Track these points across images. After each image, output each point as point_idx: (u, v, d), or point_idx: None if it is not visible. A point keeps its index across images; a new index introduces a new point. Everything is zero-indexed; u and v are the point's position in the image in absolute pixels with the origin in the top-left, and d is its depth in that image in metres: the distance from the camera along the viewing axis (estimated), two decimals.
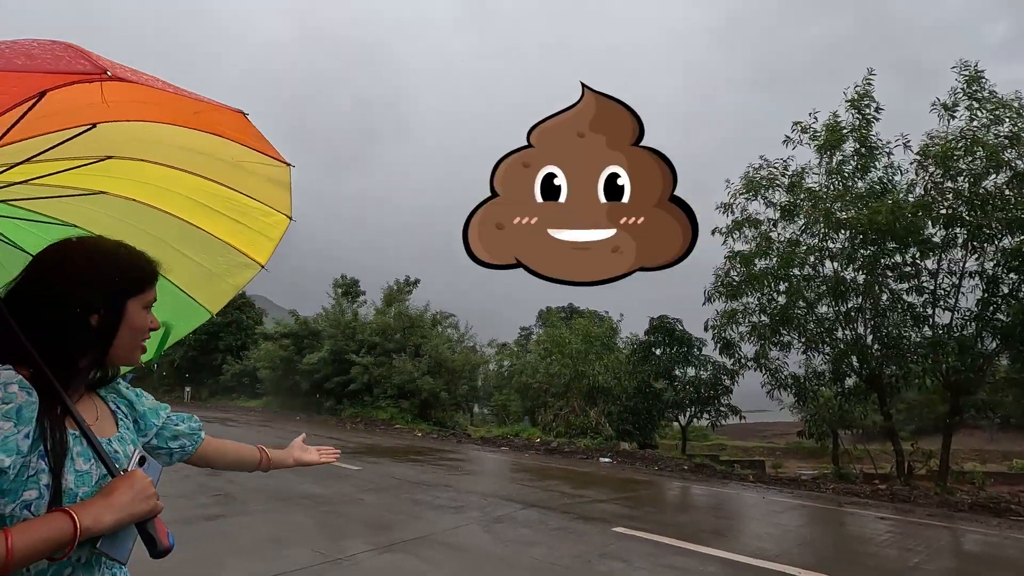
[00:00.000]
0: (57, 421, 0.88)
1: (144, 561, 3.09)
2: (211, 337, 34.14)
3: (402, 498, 6.56)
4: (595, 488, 8.29)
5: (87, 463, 0.90)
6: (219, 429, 15.14)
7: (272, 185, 1.32)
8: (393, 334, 22.89)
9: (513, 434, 16.62)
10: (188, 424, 1.24)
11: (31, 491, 0.82)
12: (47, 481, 0.83)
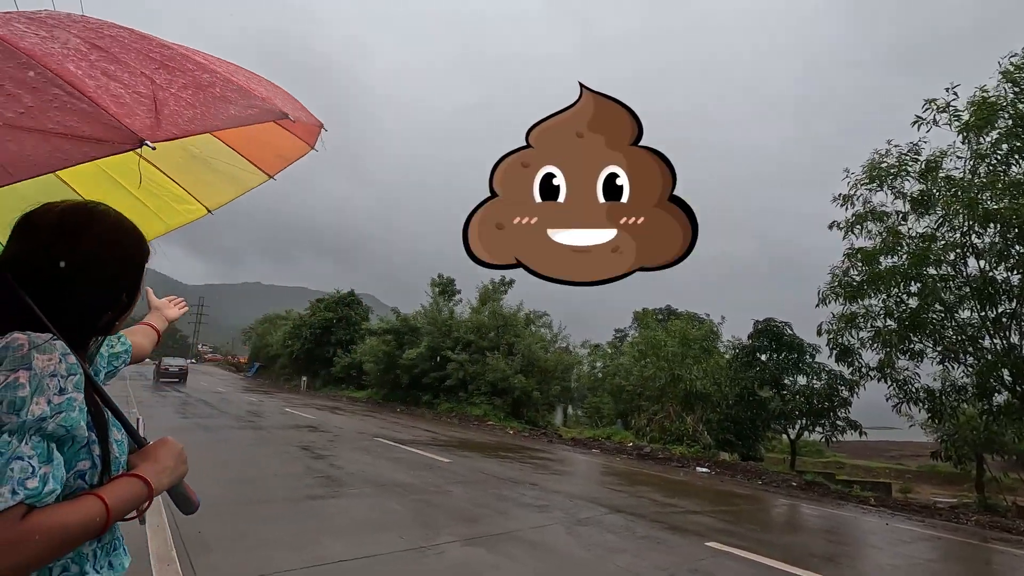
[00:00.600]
0: (90, 393, 0.89)
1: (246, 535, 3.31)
2: (324, 331, 37.01)
3: (488, 493, 6.63)
4: (689, 498, 7.85)
5: (119, 432, 0.94)
6: (328, 416, 16.33)
7: (224, 181, 1.28)
8: (487, 332, 23.38)
9: (605, 437, 16.28)
10: (120, 340, 1.30)
11: (85, 461, 0.84)
12: (98, 452, 0.86)
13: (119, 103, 0.68)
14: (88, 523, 0.77)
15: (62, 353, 0.81)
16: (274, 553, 3.98)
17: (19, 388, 0.75)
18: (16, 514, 0.71)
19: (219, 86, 0.84)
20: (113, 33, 0.83)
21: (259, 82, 1.00)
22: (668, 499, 7.54)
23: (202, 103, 0.78)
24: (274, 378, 43.92)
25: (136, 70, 0.76)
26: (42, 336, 0.81)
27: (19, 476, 0.72)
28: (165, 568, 3.50)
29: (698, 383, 15.75)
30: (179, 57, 0.84)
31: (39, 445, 0.75)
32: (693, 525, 6.02)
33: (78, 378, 0.82)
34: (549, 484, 7.69)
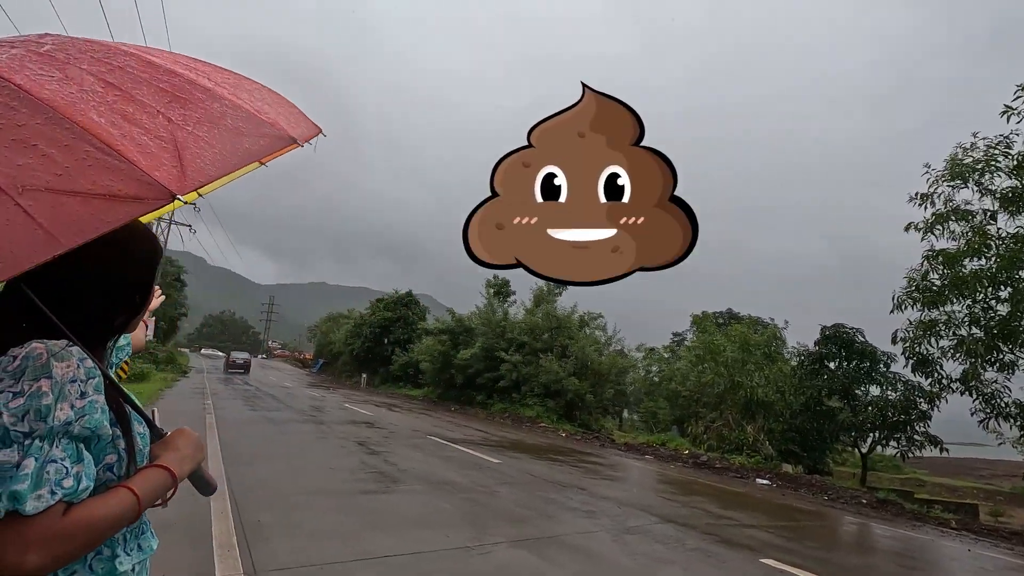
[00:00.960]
0: (110, 391, 0.94)
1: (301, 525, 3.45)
2: (383, 330, 38.19)
3: (536, 495, 6.63)
4: (746, 511, 7.54)
5: (140, 425, 0.99)
6: (384, 413, 16.84)
7: None
8: (541, 334, 23.37)
9: (659, 443, 15.89)
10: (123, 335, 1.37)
11: (111, 455, 0.90)
12: (124, 445, 0.91)
13: (146, 153, 0.69)
14: (122, 513, 0.84)
15: (79, 359, 0.86)
16: (326, 544, 4.16)
17: (43, 396, 0.79)
18: (57, 512, 0.77)
19: (230, 116, 0.83)
20: (121, 63, 0.84)
21: (260, 97, 1.00)
22: (723, 511, 7.27)
23: (219, 140, 0.78)
24: (336, 374, 45.75)
25: (153, 109, 0.76)
26: (59, 343, 0.85)
27: (55, 477, 0.78)
28: (226, 554, 3.73)
29: (759, 390, 15.07)
30: (188, 86, 0.85)
31: (68, 447, 0.81)
32: (748, 540, 5.78)
33: (97, 380, 0.87)
34: (598, 489, 7.59)
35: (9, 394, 0.79)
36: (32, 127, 0.68)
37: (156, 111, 0.76)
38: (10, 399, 0.78)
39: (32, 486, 0.75)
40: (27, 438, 0.78)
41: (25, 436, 0.78)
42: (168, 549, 3.74)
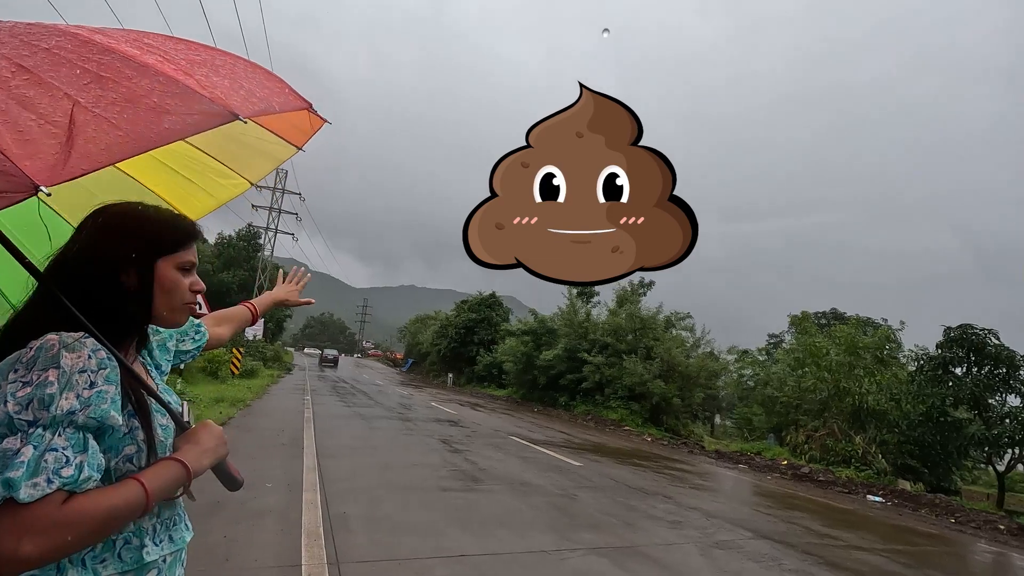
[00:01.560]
0: (132, 383, 0.95)
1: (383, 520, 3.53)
2: (467, 331, 39.09)
3: (617, 502, 6.41)
4: (854, 531, 6.83)
5: (164, 418, 1.00)
6: (468, 412, 17.17)
7: (257, 156, 1.26)
8: (625, 335, 22.81)
9: (755, 452, 14.90)
10: (193, 338, 1.33)
11: (130, 447, 0.91)
12: (143, 436, 0.92)
13: (24, 141, 0.66)
14: (129, 504, 0.83)
15: (92, 349, 0.86)
16: (406, 538, 4.25)
17: (48, 386, 0.80)
18: (56, 500, 0.77)
19: (157, 93, 0.79)
20: (53, 44, 0.81)
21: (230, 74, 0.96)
22: (827, 529, 6.63)
23: (129, 121, 0.73)
24: (424, 373, 47.48)
25: (60, 91, 0.73)
26: (73, 335, 0.86)
27: (54, 466, 0.77)
28: (312, 543, 3.91)
29: (870, 397, 13.69)
30: (119, 64, 0.81)
31: (73, 436, 0.81)
32: (857, 563, 5.21)
33: (109, 371, 0.87)
34: (685, 499, 7.21)
35: (19, 383, 0.80)
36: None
37: (64, 94, 0.73)
38: (18, 388, 0.80)
39: (28, 474, 0.75)
40: (31, 426, 0.79)
41: (29, 424, 0.79)
42: (261, 534, 3.99)
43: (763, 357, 21.39)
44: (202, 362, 16.57)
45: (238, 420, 9.66)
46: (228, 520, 4.22)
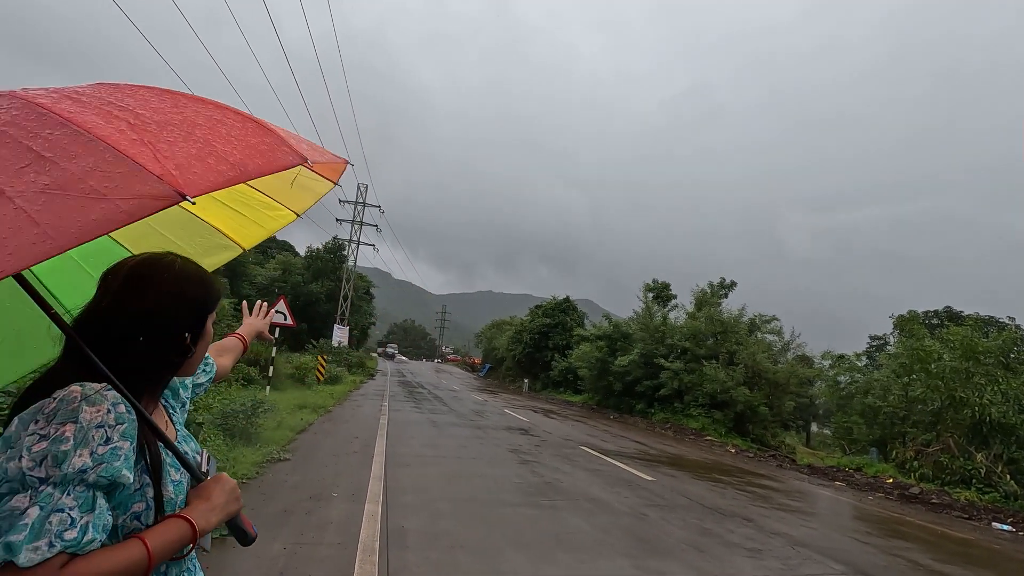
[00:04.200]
0: (149, 437, 0.95)
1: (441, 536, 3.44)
2: (542, 336, 39.01)
3: (690, 523, 5.99)
4: (975, 567, 5.95)
5: (177, 472, 0.99)
6: (541, 419, 17.01)
7: (299, 190, 1.31)
8: (704, 339, 21.77)
9: (854, 467, 13.57)
10: (204, 370, 1.36)
11: (139, 503, 0.90)
12: (152, 494, 0.92)
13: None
14: (130, 566, 0.83)
15: (112, 403, 0.86)
16: (460, 557, 4.17)
17: (63, 442, 0.80)
18: (55, 564, 0.76)
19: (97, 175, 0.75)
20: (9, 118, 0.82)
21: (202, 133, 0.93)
22: (940, 564, 5.83)
23: (53, 213, 0.70)
24: (500, 378, 47.90)
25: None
26: (95, 386, 0.86)
27: (57, 528, 0.77)
28: (366, 559, 3.92)
29: (993, 409, 12.05)
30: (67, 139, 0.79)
31: (82, 495, 0.81)
32: None
33: (127, 427, 0.87)
34: (768, 522, 6.63)
35: (36, 436, 0.80)
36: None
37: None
38: (35, 442, 0.80)
39: (30, 537, 0.75)
40: (42, 484, 0.78)
41: (40, 482, 0.78)
42: (320, 547, 4.06)
43: (863, 362, 19.52)
44: (290, 369, 17.65)
45: (317, 426, 10.11)
46: (293, 530, 4.34)
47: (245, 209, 1.32)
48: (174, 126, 0.88)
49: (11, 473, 0.78)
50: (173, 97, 0.99)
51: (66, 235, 0.66)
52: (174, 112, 0.93)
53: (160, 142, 0.82)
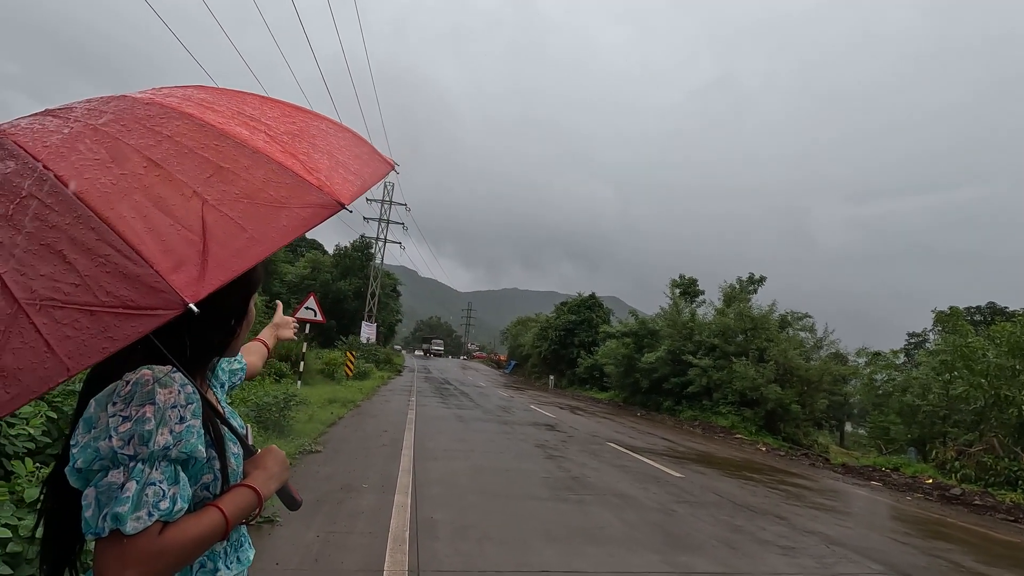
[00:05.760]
0: (208, 414, 1.01)
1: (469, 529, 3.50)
2: (567, 333, 38.88)
3: (720, 520, 5.91)
4: (1020, 570, 5.72)
5: (234, 445, 1.06)
6: (567, 415, 16.98)
7: None
8: (734, 336, 21.40)
9: (891, 467, 13.17)
10: (237, 358, 1.41)
11: (208, 475, 0.98)
12: (219, 466, 0.99)
13: (168, 251, 0.67)
14: (212, 531, 0.91)
15: (180, 384, 0.93)
16: (488, 549, 4.20)
17: (146, 422, 0.87)
18: (154, 531, 0.84)
19: (273, 185, 0.79)
20: (172, 131, 0.84)
21: (323, 144, 0.96)
22: (984, 567, 5.63)
23: (252, 220, 0.74)
24: (526, 375, 47.91)
25: (188, 188, 0.75)
26: (163, 369, 0.93)
27: (153, 500, 0.84)
28: (397, 547, 3.99)
29: None
30: (234, 150, 0.83)
31: (167, 470, 0.88)
32: None
33: (195, 406, 0.94)
34: (801, 520, 6.49)
35: (119, 418, 0.86)
36: (62, 228, 0.69)
37: (192, 192, 0.75)
38: (120, 423, 0.86)
39: (132, 508, 0.82)
40: (132, 461, 0.85)
41: (130, 459, 0.85)
42: (352, 536, 4.14)
43: (900, 359, 18.90)
44: (320, 364, 18.00)
45: (347, 420, 10.30)
46: (325, 520, 4.45)
47: None
48: (300, 137, 0.93)
49: (103, 452, 0.85)
50: (271, 104, 1.03)
51: (269, 239, 0.72)
52: (287, 122, 0.97)
53: (299, 154, 0.87)
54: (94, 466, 0.85)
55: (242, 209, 0.74)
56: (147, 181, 0.75)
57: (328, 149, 0.96)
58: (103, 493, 0.83)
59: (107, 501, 0.82)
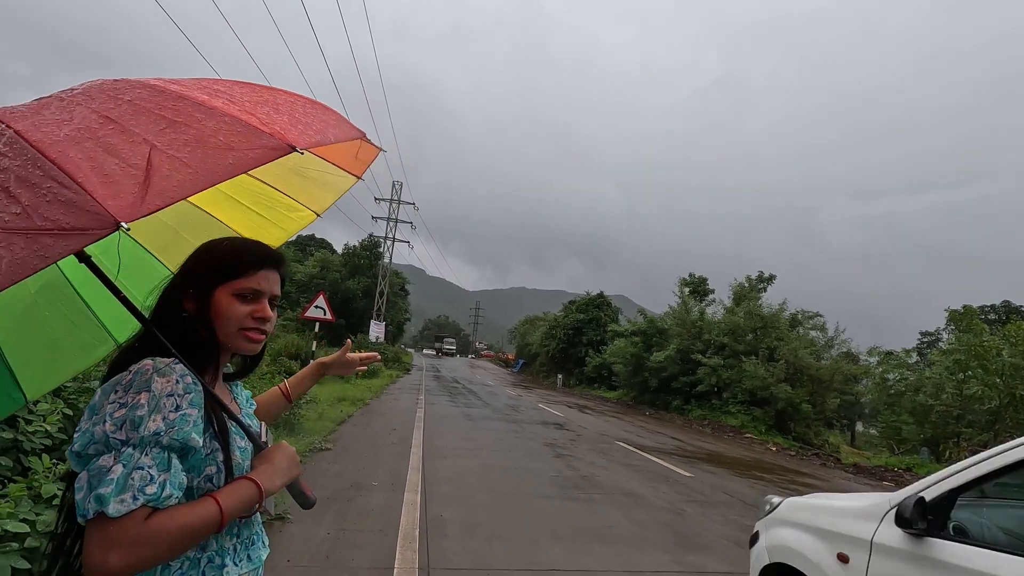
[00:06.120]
0: (214, 407, 1.02)
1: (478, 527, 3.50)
2: (575, 332, 38.81)
3: (730, 519, 5.88)
4: None
5: (242, 440, 1.05)
6: (575, 414, 16.96)
7: (319, 188, 1.33)
8: (743, 335, 21.27)
9: (904, 467, 13.04)
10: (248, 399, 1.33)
11: (211, 467, 0.98)
12: (222, 458, 0.99)
13: (108, 182, 0.73)
14: (205, 521, 0.90)
15: (179, 375, 0.94)
16: (498, 547, 4.21)
17: (139, 408, 0.89)
18: (140, 516, 0.84)
19: (223, 132, 0.85)
20: (133, 96, 0.90)
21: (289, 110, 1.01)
22: None
23: (198, 159, 0.80)
24: (534, 374, 47.89)
25: (139, 137, 0.81)
26: (165, 360, 0.95)
27: (139, 484, 0.85)
28: (406, 545, 4.01)
29: None
30: (190, 108, 0.88)
31: (158, 456, 0.89)
32: None
33: (193, 396, 0.95)
34: None
35: (116, 404, 0.89)
36: (11, 169, 0.74)
37: (142, 139, 0.80)
38: (115, 409, 0.89)
39: (116, 491, 0.83)
40: (123, 445, 0.87)
41: (121, 444, 0.87)
42: (362, 534, 4.16)
43: (913, 359, 18.70)
44: None
45: (356, 418, 10.36)
46: (336, 517, 4.47)
47: (265, 211, 1.34)
48: (263, 103, 0.99)
49: (97, 436, 0.87)
50: (246, 84, 1.08)
51: (213, 173, 0.79)
52: (255, 94, 1.02)
53: (258, 113, 0.93)
54: (89, 450, 0.86)
55: (189, 151, 0.80)
56: (100, 133, 0.81)
57: (290, 112, 1.01)
58: (93, 476, 0.84)
59: (96, 484, 0.83)
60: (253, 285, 1.03)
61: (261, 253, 1.07)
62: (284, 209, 1.35)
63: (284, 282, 1.13)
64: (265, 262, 1.06)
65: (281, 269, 1.10)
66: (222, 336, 1.04)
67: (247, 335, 1.04)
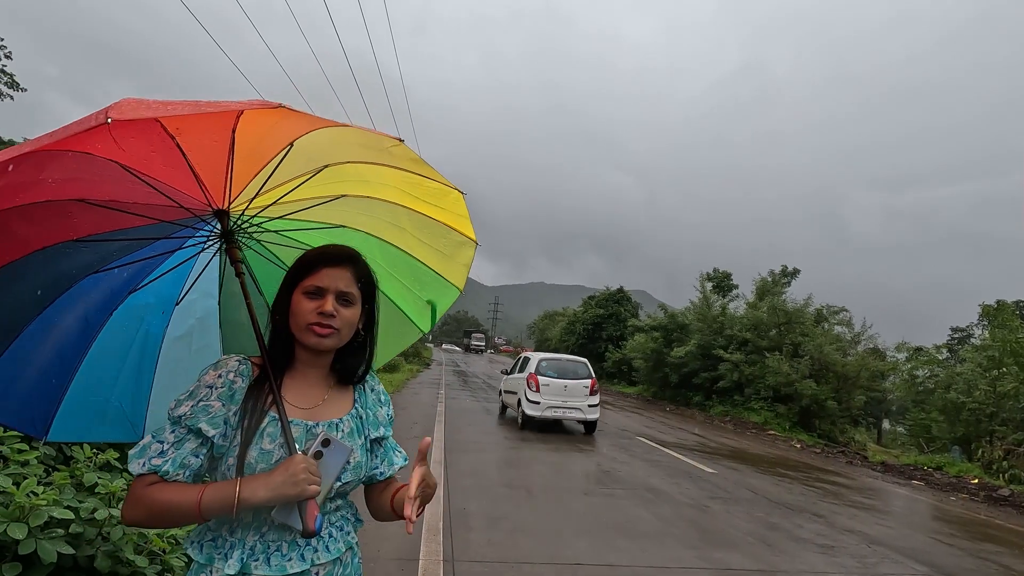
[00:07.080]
0: (258, 405, 1.05)
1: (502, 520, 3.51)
2: (595, 327, 38.64)
3: (755, 517, 5.81)
4: None
5: (272, 443, 1.03)
6: None
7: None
8: (767, 330, 20.92)
9: (934, 466, 12.71)
10: (393, 456, 1.27)
11: (231, 459, 1.02)
12: (237, 453, 1.02)
13: None
14: (183, 506, 0.96)
15: (227, 371, 1.06)
16: (521, 540, 4.23)
17: (185, 393, 1.05)
18: (146, 480, 0.98)
19: None
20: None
21: None
22: None
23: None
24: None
25: None
26: (233, 357, 1.10)
27: (152, 453, 0.99)
28: (431, 538, 4.05)
29: None
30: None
31: (179, 434, 1.01)
32: None
33: (224, 391, 1.04)
34: (840, 519, 6.33)
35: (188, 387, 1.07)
36: None
37: None
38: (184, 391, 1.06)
39: (138, 454, 0.99)
40: (167, 420, 1.03)
41: (167, 419, 1.04)
42: (387, 526, 4.21)
43: (943, 355, 18.20)
44: None
45: None
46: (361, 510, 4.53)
47: (441, 202, 1.41)
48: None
49: None
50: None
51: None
52: None
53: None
54: None
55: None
56: None
57: None
58: None
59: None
60: (315, 282, 1.08)
61: (321, 252, 1.12)
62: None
63: (363, 280, 1.13)
64: (324, 259, 1.10)
65: (349, 266, 1.11)
66: (296, 332, 1.09)
67: (313, 329, 1.06)
